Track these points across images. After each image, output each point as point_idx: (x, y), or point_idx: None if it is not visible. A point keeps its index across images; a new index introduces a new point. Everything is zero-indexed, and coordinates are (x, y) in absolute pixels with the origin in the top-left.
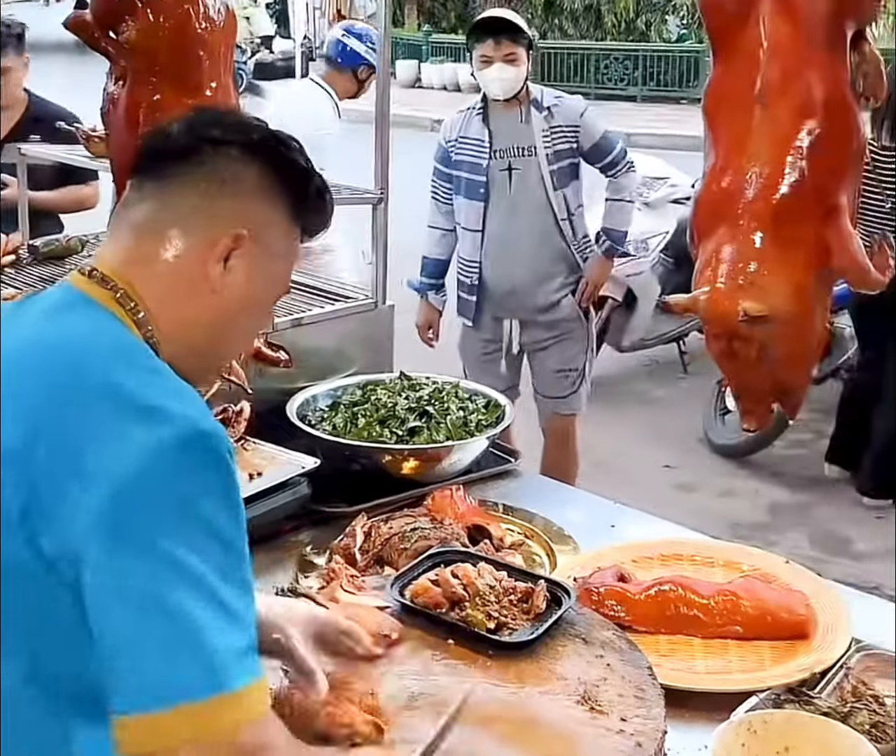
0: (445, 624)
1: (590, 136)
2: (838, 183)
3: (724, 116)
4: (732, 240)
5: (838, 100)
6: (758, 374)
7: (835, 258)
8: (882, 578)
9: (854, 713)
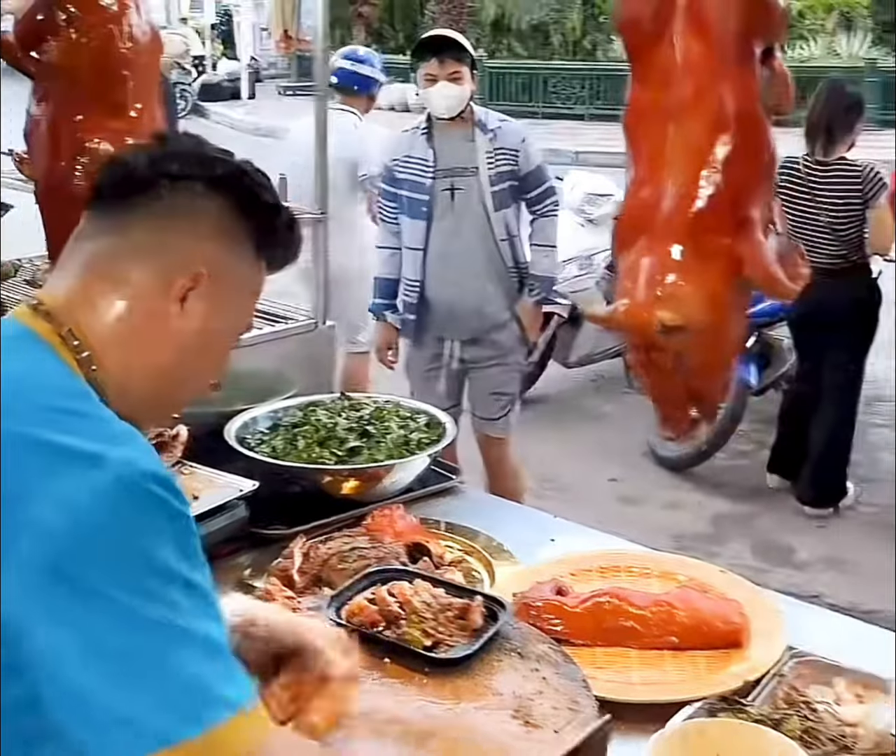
0: (382, 643)
1: (527, 162)
2: (750, 195)
3: (642, 132)
4: (649, 252)
5: (749, 115)
6: (675, 382)
7: (747, 268)
8: (823, 587)
9: (786, 720)
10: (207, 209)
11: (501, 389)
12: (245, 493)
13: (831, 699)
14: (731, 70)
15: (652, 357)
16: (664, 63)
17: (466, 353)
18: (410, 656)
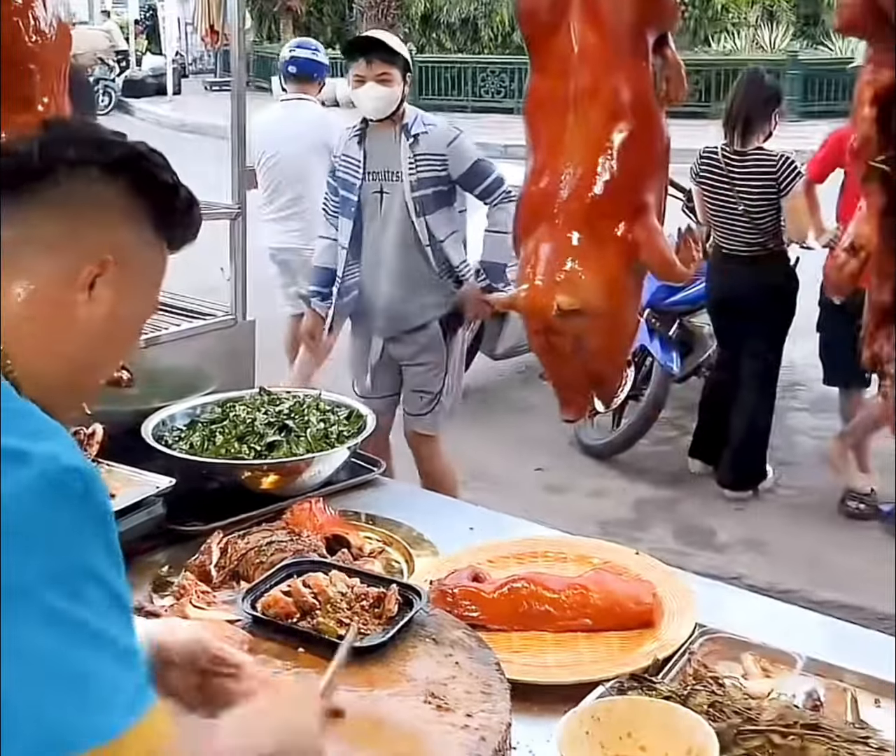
0: (296, 633)
1: (460, 163)
2: (645, 182)
3: (541, 121)
4: (549, 239)
5: (643, 104)
6: (574, 366)
7: (643, 253)
8: (742, 568)
9: (694, 695)
10: (107, 194)
11: (424, 388)
12: (162, 490)
13: (739, 674)
14: (625, 60)
15: (552, 341)
16: (561, 53)
17: (393, 351)
18: (325, 645)
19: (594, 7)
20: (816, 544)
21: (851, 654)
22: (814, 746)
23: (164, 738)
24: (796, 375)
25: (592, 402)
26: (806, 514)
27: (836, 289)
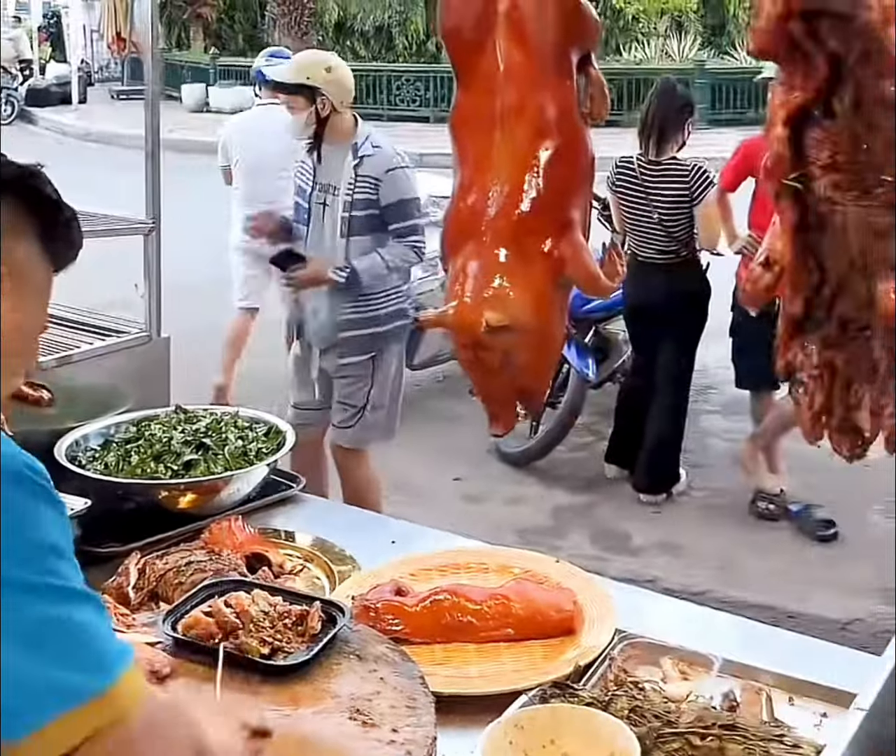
0: (217, 654)
1: (390, 193)
2: (571, 198)
3: (467, 138)
4: (477, 255)
5: (568, 121)
6: (502, 380)
7: (569, 268)
8: (658, 571)
9: (615, 700)
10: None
11: (348, 400)
12: (77, 512)
13: (658, 678)
14: (550, 78)
15: (480, 357)
16: (486, 70)
17: (324, 362)
18: (248, 666)
19: (519, 25)
20: (728, 545)
21: (765, 653)
22: (731, 746)
23: (144, 688)
24: (708, 379)
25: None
26: (718, 515)
27: (752, 301)
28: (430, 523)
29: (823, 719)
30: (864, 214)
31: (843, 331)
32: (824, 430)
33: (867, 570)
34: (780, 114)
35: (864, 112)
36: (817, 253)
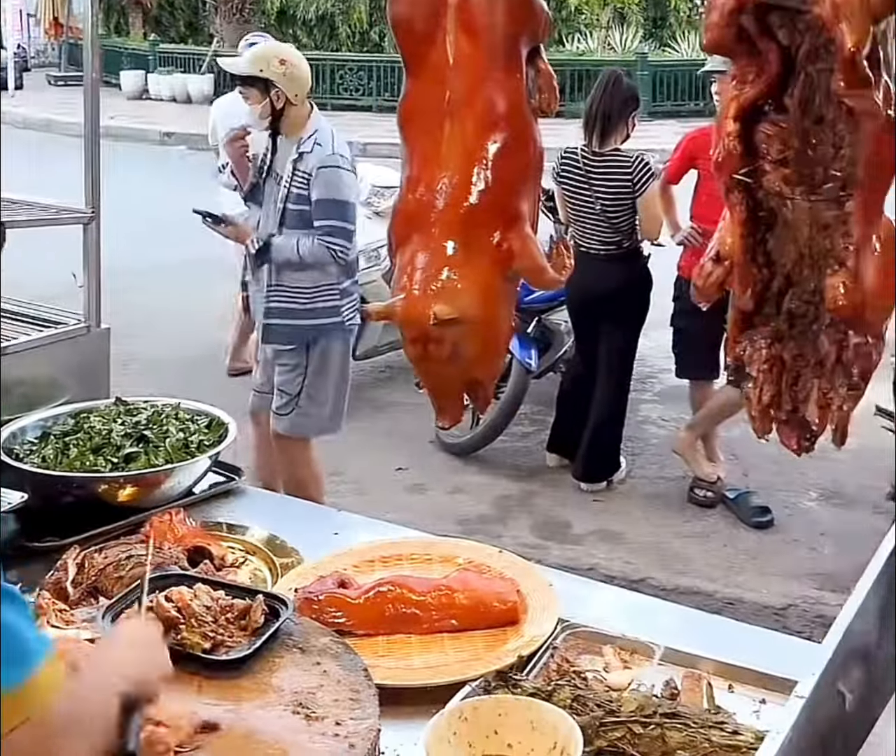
0: None
1: (320, 189)
2: (519, 191)
3: (416, 129)
4: (425, 248)
5: (517, 113)
6: (451, 373)
7: (517, 261)
8: (598, 559)
9: (557, 690)
10: None
11: (283, 387)
12: (14, 506)
13: (600, 667)
14: (499, 70)
15: (428, 350)
16: (436, 62)
17: (265, 346)
18: (189, 661)
19: (469, 17)
20: (667, 532)
21: (705, 641)
22: (672, 734)
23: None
24: (648, 368)
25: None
26: (657, 503)
27: (704, 296)
28: (373, 513)
29: (762, 706)
30: (813, 208)
31: (792, 325)
32: (773, 424)
33: (802, 556)
34: (732, 108)
35: (814, 107)
36: (767, 248)
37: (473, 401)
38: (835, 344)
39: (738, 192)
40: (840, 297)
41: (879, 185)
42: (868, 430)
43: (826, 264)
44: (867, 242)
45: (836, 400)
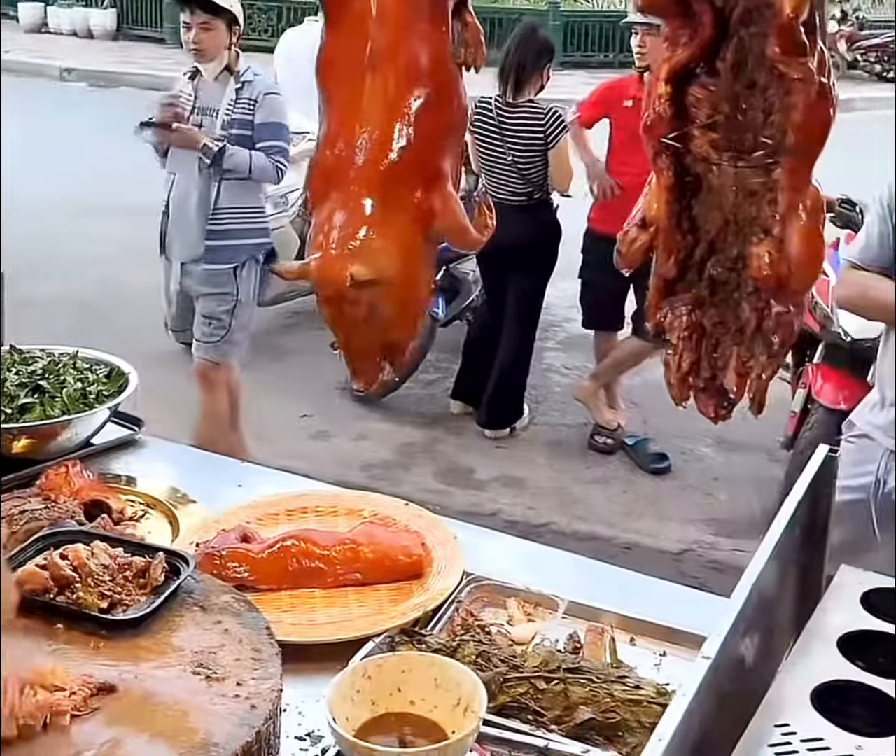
0: (55, 609)
1: (265, 113)
2: (441, 149)
3: (335, 83)
4: (342, 206)
5: (440, 68)
6: (367, 335)
7: (437, 220)
8: (501, 505)
9: (462, 646)
10: None
11: (213, 315)
12: None
13: (504, 620)
14: (423, 23)
15: (344, 311)
16: (356, 11)
17: (185, 279)
18: (86, 621)
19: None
20: (568, 479)
21: (609, 592)
22: (575, 689)
23: None
24: (553, 316)
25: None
26: (559, 450)
27: (627, 262)
28: (277, 462)
29: (663, 659)
30: (740, 175)
31: (713, 292)
32: (690, 391)
33: (698, 501)
34: (663, 70)
35: (746, 71)
36: (692, 214)
37: (390, 363)
38: (755, 312)
39: (665, 157)
40: (765, 267)
41: (809, 154)
42: None
43: (751, 232)
44: (794, 211)
45: (756, 368)
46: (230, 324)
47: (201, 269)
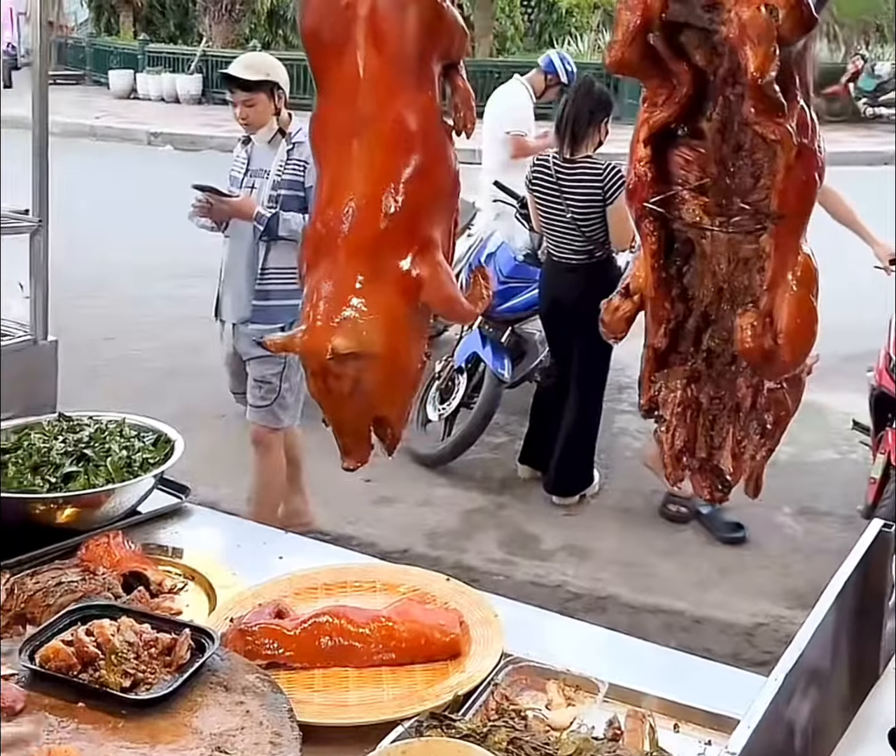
0: (77, 687)
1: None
2: (429, 216)
3: (326, 150)
4: (328, 276)
5: (428, 133)
6: (355, 411)
7: (424, 291)
8: (565, 575)
9: (494, 732)
10: None
11: (263, 378)
12: None
13: (543, 704)
14: (409, 88)
15: (329, 385)
16: (343, 78)
17: (237, 341)
18: (107, 699)
19: (376, 31)
20: (638, 548)
21: (655, 674)
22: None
23: None
24: (624, 378)
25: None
26: (629, 518)
27: (611, 332)
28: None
29: (707, 748)
30: (732, 241)
31: (710, 365)
32: (686, 471)
33: (774, 573)
34: (642, 132)
35: (732, 133)
36: (683, 282)
37: (381, 441)
38: (751, 388)
39: (649, 222)
40: (747, 339)
41: (794, 219)
42: (846, 445)
43: (742, 302)
44: (781, 280)
45: (749, 448)
46: (280, 387)
47: (250, 330)
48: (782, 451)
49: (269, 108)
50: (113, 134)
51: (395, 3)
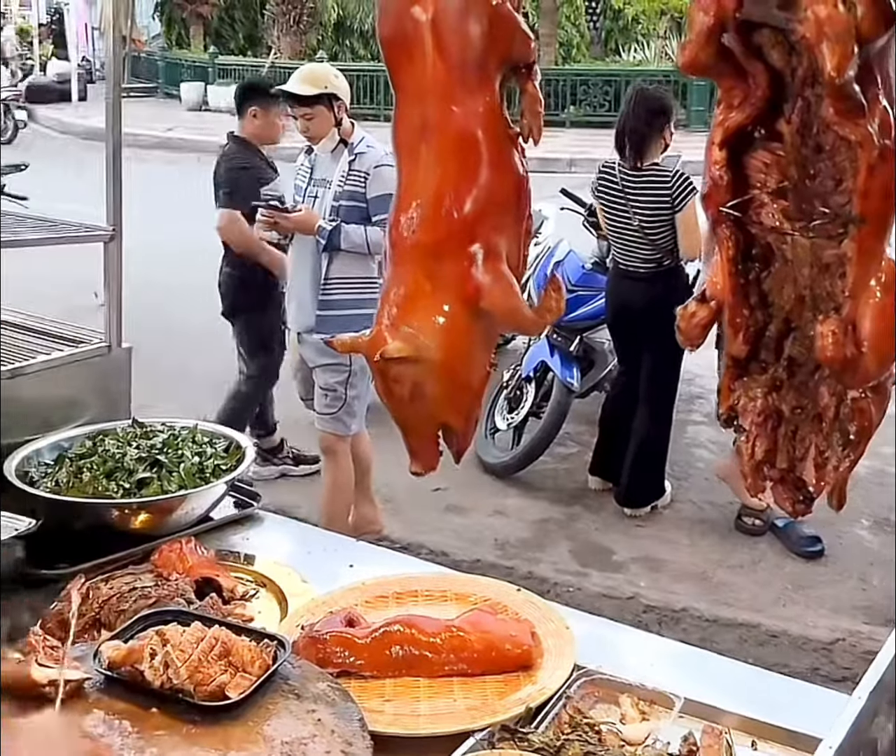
0: (149, 692)
1: (377, 186)
2: (492, 224)
3: (401, 153)
4: (396, 280)
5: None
6: (418, 415)
7: (484, 299)
8: (639, 587)
9: (567, 746)
10: None
11: (329, 386)
12: (21, 532)
13: (617, 718)
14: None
15: (391, 388)
16: (414, 82)
17: (303, 349)
18: (180, 705)
19: (440, 36)
20: (712, 561)
21: (731, 690)
22: None
23: None
24: (696, 388)
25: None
26: (703, 530)
27: (688, 340)
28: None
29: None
30: (814, 246)
31: (792, 373)
32: (767, 483)
33: (853, 587)
34: (717, 135)
35: (812, 135)
36: (762, 288)
37: (448, 446)
38: (834, 397)
39: (726, 227)
40: (829, 347)
41: (878, 223)
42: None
43: (825, 308)
44: (864, 286)
45: (833, 459)
46: (346, 394)
47: (315, 339)
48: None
49: (328, 120)
50: (185, 145)
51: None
